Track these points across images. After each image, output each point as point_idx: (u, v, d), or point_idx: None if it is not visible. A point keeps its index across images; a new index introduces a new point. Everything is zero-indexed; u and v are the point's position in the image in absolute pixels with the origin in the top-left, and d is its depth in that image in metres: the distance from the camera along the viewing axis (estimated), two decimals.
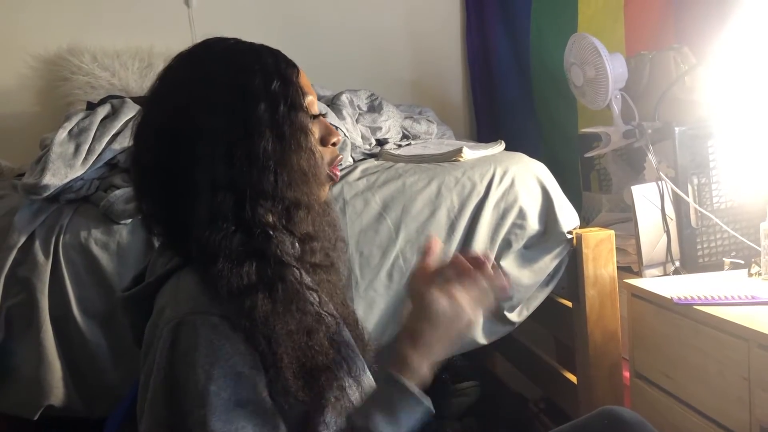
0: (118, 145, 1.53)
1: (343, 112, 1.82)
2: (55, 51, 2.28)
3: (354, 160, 1.70)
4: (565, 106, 2.23)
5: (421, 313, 0.80)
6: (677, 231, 1.56)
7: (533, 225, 1.56)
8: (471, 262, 0.83)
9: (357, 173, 1.57)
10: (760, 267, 1.36)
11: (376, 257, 1.49)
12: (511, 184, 1.55)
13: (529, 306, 1.59)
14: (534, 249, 1.57)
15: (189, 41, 0.87)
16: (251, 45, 0.86)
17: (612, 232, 1.57)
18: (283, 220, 0.82)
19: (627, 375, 1.51)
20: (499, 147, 1.73)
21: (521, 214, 1.55)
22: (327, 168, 0.89)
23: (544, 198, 1.58)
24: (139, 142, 0.85)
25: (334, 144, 0.91)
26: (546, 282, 1.59)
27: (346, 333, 0.88)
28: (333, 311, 0.86)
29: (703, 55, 1.69)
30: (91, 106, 1.73)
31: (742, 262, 1.45)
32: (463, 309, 0.80)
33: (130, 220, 1.43)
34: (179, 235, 0.81)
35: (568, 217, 1.58)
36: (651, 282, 1.42)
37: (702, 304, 1.22)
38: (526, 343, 1.97)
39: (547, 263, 1.56)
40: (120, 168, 1.55)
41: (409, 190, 1.53)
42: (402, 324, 0.83)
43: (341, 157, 0.96)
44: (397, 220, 1.51)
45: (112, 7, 2.35)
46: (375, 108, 1.96)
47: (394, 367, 0.79)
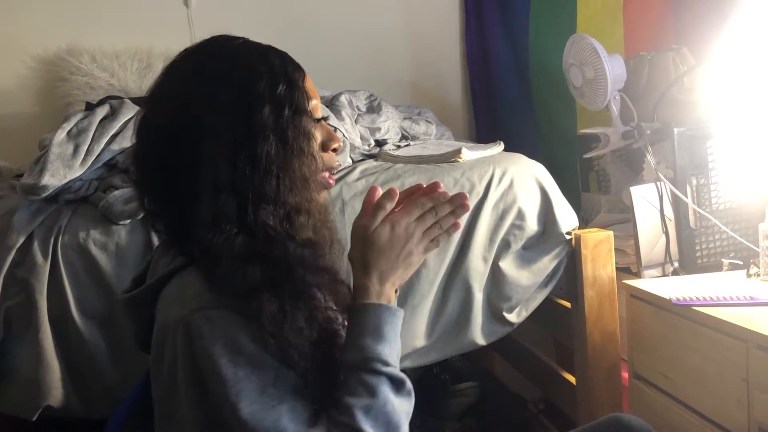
0: (116, 146, 1.53)
1: (342, 113, 1.82)
2: (54, 51, 2.27)
3: (353, 161, 1.70)
4: (564, 107, 2.23)
5: (365, 244, 0.82)
6: (676, 232, 1.56)
7: (532, 226, 1.56)
8: (414, 190, 0.86)
9: (356, 174, 1.57)
10: (758, 268, 1.36)
11: None
12: (510, 185, 1.55)
13: (528, 307, 1.59)
14: (533, 250, 1.57)
15: (188, 42, 0.86)
16: (259, 46, 0.86)
17: (611, 233, 1.57)
18: (285, 224, 0.82)
19: (626, 376, 1.51)
20: (498, 148, 1.73)
21: (520, 215, 1.55)
22: (324, 174, 0.89)
23: (543, 199, 1.58)
24: (141, 138, 0.85)
25: (334, 150, 0.91)
26: (545, 283, 1.59)
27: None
28: (336, 309, 0.86)
29: (702, 56, 1.69)
30: (90, 107, 1.73)
31: (741, 263, 1.45)
32: (403, 228, 0.82)
33: (128, 221, 1.43)
34: (181, 234, 0.81)
35: (567, 217, 1.58)
36: (650, 283, 1.42)
37: (701, 305, 1.22)
38: (525, 343, 1.97)
39: (546, 264, 1.56)
40: (119, 169, 1.55)
41: None
42: (352, 261, 0.84)
43: (339, 164, 0.96)
44: None
45: (111, 7, 2.35)
46: (374, 109, 1.96)
47: (357, 297, 0.82)
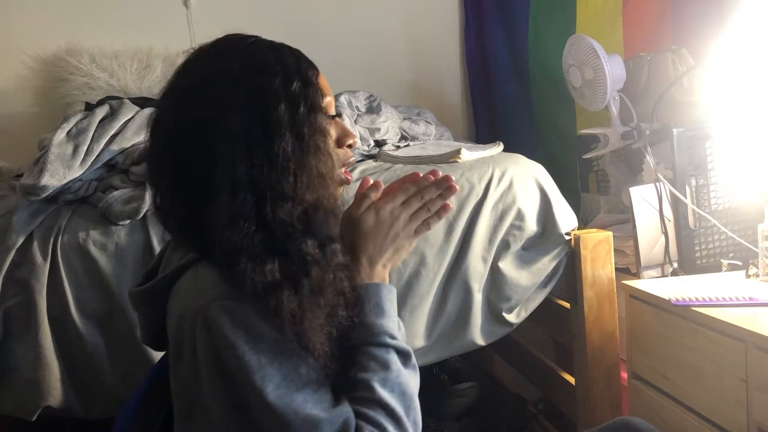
0: (116, 146, 1.53)
1: (342, 113, 1.82)
2: (54, 52, 2.28)
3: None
4: (564, 108, 2.23)
5: (352, 230, 0.86)
6: (675, 232, 1.56)
7: (531, 226, 1.56)
8: (407, 179, 0.89)
9: (356, 174, 1.57)
10: (757, 268, 1.36)
11: None
12: (510, 186, 1.55)
13: (528, 307, 1.59)
14: (532, 250, 1.57)
15: (188, 42, 0.86)
16: (272, 44, 0.86)
17: (610, 234, 1.57)
18: (303, 221, 0.81)
19: (625, 376, 1.51)
20: (497, 148, 1.73)
21: (519, 216, 1.55)
22: (340, 171, 0.90)
23: (543, 199, 1.58)
24: (155, 137, 0.85)
25: (349, 146, 0.91)
26: (544, 283, 1.59)
27: None
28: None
29: (701, 57, 1.70)
30: (90, 107, 1.73)
31: (740, 264, 1.45)
32: (388, 213, 0.86)
33: (128, 221, 1.43)
34: (195, 232, 0.81)
35: (566, 218, 1.58)
36: (649, 283, 1.42)
37: (700, 306, 1.22)
38: (524, 344, 1.97)
39: (546, 264, 1.57)
40: (118, 169, 1.55)
41: None
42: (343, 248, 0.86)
43: (353, 159, 0.97)
44: None
45: (110, 7, 2.35)
46: (374, 109, 1.96)
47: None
